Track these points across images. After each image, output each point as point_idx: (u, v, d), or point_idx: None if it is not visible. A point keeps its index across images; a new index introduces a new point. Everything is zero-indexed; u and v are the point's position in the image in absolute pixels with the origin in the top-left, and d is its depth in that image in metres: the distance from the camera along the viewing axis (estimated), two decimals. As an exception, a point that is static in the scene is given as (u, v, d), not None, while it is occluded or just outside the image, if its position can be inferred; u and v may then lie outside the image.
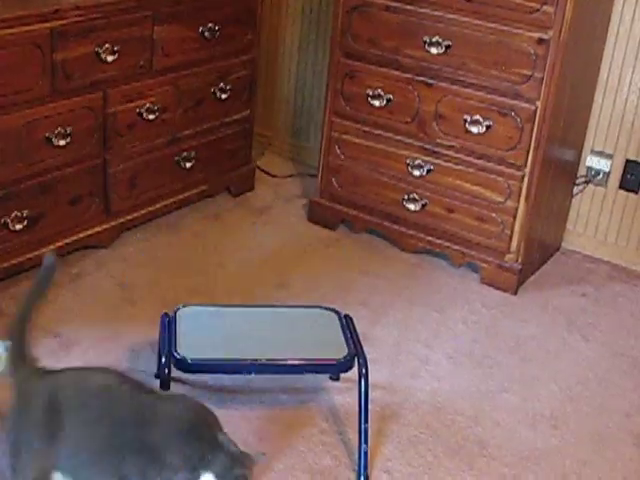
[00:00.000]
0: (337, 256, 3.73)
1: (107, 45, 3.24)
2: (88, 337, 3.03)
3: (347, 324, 2.69)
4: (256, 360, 2.47)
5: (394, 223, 3.73)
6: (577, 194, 3.83)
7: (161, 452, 2.13)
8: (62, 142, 3.19)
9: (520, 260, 3.51)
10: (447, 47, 3.38)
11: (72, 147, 3.25)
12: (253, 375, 2.50)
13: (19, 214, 3.16)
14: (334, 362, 2.52)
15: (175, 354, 2.47)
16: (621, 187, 3.74)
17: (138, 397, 2.14)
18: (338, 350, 2.55)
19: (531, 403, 2.93)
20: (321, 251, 3.76)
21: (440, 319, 3.34)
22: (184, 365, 2.45)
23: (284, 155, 4.56)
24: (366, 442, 2.52)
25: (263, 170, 4.33)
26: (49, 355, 2.90)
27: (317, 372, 2.61)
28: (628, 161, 3.70)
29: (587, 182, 3.79)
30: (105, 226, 3.51)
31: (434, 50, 3.40)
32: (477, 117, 3.39)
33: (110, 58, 3.26)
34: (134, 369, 2.87)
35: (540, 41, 3.20)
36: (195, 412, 2.20)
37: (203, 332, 2.59)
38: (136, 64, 3.39)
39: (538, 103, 3.27)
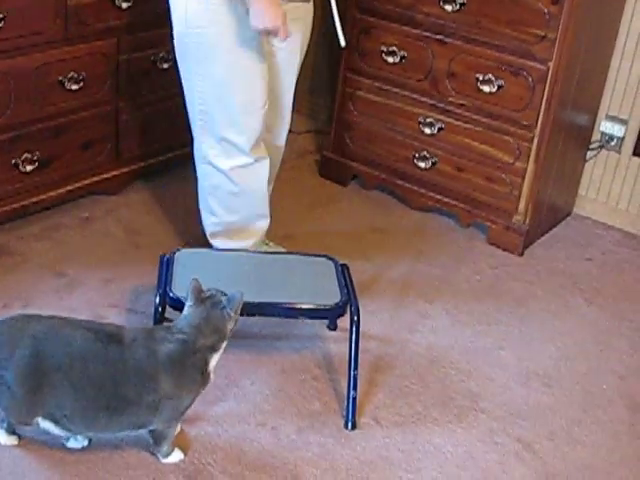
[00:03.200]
0: (346, 211, 3.75)
1: (122, -9, 3.26)
2: (92, 278, 3.08)
3: (342, 272, 2.71)
4: (247, 302, 2.49)
5: (404, 180, 3.74)
6: (590, 159, 3.81)
7: (144, 397, 2.20)
8: (75, 86, 3.23)
9: (527, 222, 3.51)
10: (462, 5, 3.36)
11: (85, 92, 3.28)
12: (244, 316, 2.52)
13: (30, 156, 3.19)
14: (325, 307, 2.55)
15: (170, 293, 2.51)
16: (635, 154, 3.71)
17: (109, 354, 2.20)
18: (331, 297, 2.58)
19: (526, 361, 2.94)
20: (331, 206, 3.77)
21: (443, 276, 3.35)
22: (177, 304, 2.48)
23: (302, 112, 4.55)
24: (355, 389, 2.55)
25: (279, 125, 4.33)
26: (53, 294, 2.97)
27: (308, 317, 2.62)
28: (643, 127, 3.68)
29: (601, 147, 3.77)
30: (116, 173, 3.55)
31: (449, 7, 3.39)
32: (489, 76, 3.38)
33: (125, 5, 3.28)
34: (134, 310, 2.93)
35: (554, 1, 3.18)
36: (158, 349, 2.24)
37: (199, 274, 2.59)
38: (152, 12, 3.40)
39: (550, 64, 3.25)
